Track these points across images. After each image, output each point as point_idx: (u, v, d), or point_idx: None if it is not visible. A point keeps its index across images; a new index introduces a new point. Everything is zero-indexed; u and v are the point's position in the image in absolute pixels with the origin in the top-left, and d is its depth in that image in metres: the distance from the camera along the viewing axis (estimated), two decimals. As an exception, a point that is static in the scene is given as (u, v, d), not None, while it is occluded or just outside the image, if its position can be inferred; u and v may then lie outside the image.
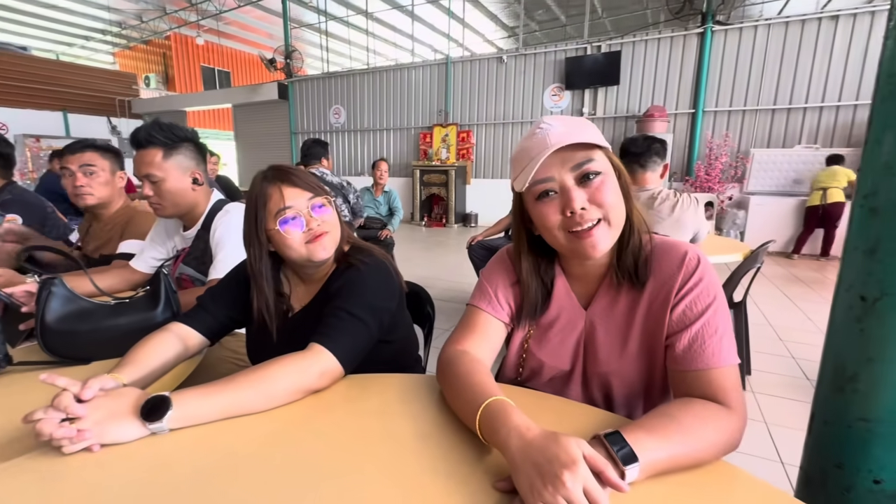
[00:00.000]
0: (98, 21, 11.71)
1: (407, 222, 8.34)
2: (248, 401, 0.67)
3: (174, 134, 1.29)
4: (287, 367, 0.71)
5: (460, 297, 3.57)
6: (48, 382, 0.62)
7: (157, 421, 0.60)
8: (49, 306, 0.83)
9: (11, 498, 0.51)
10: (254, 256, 0.87)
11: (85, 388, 0.62)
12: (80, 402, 0.60)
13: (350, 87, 9.21)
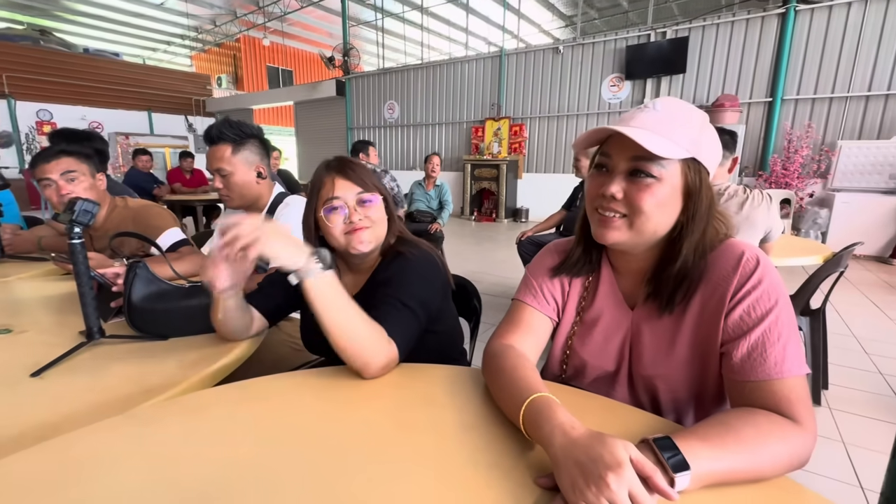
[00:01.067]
0: (178, 27, 12.71)
1: (456, 217, 8.37)
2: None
3: (242, 131, 1.38)
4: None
5: (508, 293, 3.55)
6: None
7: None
8: (134, 287, 0.92)
9: (107, 452, 0.58)
10: (307, 238, 0.93)
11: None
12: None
13: (404, 83, 9.36)
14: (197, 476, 0.54)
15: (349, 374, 0.78)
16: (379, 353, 0.75)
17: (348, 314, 0.75)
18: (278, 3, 10.59)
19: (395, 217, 0.97)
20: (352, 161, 0.93)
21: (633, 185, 0.64)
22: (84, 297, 0.87)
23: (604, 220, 0.67)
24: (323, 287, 0.74)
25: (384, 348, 0.76)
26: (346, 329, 0.74)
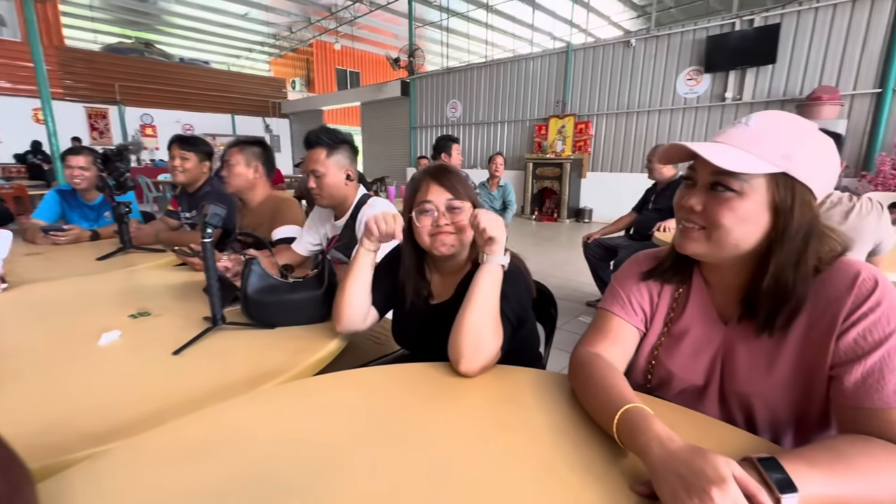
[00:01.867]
0: (259, 35, 13.69)
1: (517, 216, 8.30)
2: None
3: (335, 137, 1.50)
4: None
5: (572, 295, 3.49)
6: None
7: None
8: (249, 280, 1.05)
9: (240, 426, 0.68)
10: (405, 237, 1.00)
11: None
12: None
13: (467, 82, 9.41)
14: (308, 455, 0.62)
15: (441, 369, 0.84)
16: (494, 349, 0.83)
17: (493, 304, 0.85)
18: (349, 8, 11.06)
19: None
20: (449, 169, 0.99)
21: (712, 199, 0.65)
22: (211, 288, 1.01)
23: (684, 230, 0.69)
24: (499, 271, 0.88)
25: (497, 348, 0.83)
26: (489, 314, 0.84)
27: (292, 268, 1.36)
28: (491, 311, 0.85)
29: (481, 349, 0.82)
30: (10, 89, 9.22)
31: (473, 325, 0.82)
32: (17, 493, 0.41)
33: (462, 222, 0.97)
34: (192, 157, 2.11)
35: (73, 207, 2.39)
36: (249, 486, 0.55)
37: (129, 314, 1.15)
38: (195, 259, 1.50)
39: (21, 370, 0.87)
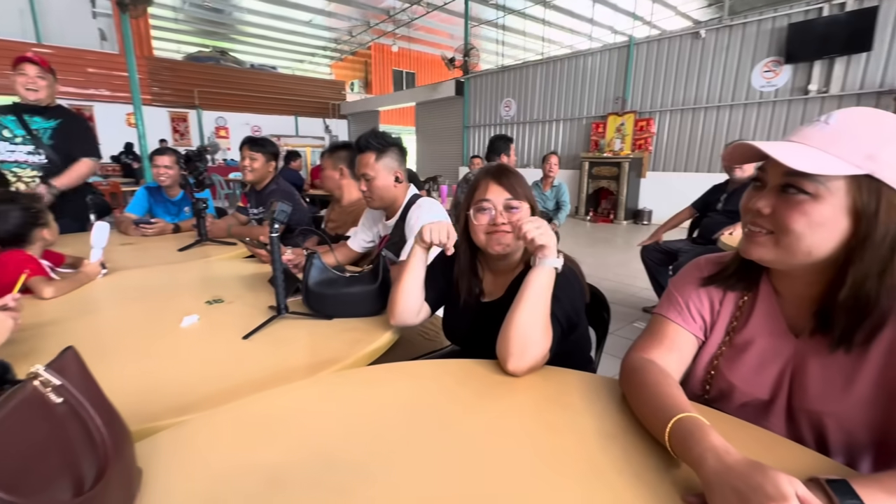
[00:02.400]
0: (321, 40, 14.34)
1: (570, 216, 8.08)
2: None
3: (385, 140, 1.56)
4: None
5: (627, 300, 3.35)
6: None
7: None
8: (311, 273, 1.12)
9: (301, 407, 0.74)
10: (459, 234, 1.01)
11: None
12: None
13: (522, 80, 9.29)
14: (361, 439, 0.65)
15: (489, 367, 0.85)
16: (543, 350, 0.83)
17: (547, 304, 0.85)
18: (406, 10, 11.29)
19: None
20: (508, 169, 1.00)
21: (782, 202, 0.61)
22: (277, 279, 1.09)
23: (750, 234, 0.65)
24: (550, 274, 0.87)
25: (546, 349, 0.83)
26: (539, 315, 0.84)
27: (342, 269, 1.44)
28: (541, 312, 0.85)
29: (529, 349, 0.82)
30: (108, 97, 10.34)
31: (522, 326, 0.83)
32: (121, 446, 0.48)
33: (519, 222, 0.97)
34: (260, 157, 2.27)
35: (159, 202, 2.65)
36: (307, 463, 0.59)
37: (205, 300, 1.27)
38: (262, 252, 1.61)
39: (118, 345, 0.99)
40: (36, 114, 2.21)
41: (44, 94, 2.19)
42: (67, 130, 2.27)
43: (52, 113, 2.26)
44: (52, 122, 2.24)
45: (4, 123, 2.16)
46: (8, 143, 2.15)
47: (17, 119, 2.17)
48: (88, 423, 0.45)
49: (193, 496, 0.53)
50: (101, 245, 1.51)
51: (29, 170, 2.19)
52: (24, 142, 2.17)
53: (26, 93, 2.16)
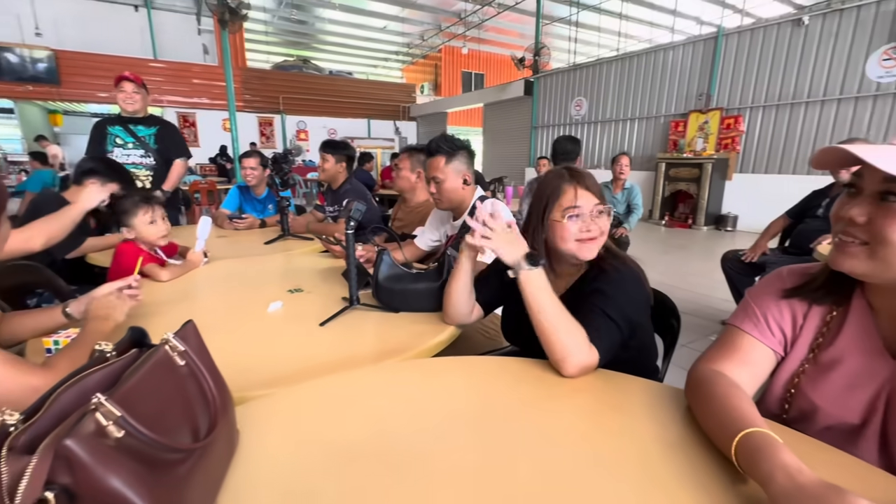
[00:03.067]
0: (394, 45, 14.87)
1: (644, 220, 7.64)
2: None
3: (454, 144, 1.60)
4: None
5: (703, 311, 3.12)
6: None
7: None
8: (380, 269, 1.20)
9: (369, 390, 0.80)
10: (530, 238, 1.01)
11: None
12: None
13: (595, 78, 8.96)
14: (423, 426, 0.70)
15: (547, 367, 0.87)
16: (579, 351, 0.82)
17: (554, 308, 0.85)
18: (477, 12, 11.35)
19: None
20: (586, 173, 1.00)
21: (880, 210, 0.56)
22: (350, 273, 1.18)
23: (840, 244, 0.62)
24: (534, 280, 0.87)
25: (585, 350, 0.82)
26: (551, 321, 0.84)
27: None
28: (553, 313, 0.85)
29: (567, 347, 0.82)
30: (208, 104, 11.53)
31: (548, 331, 0.84)
32: (227, 407, 0.57)
33: (606, 227, 0.97)
34: (331, 158, 2.43)
35: (247, 200, 2.94)
36: (373, 441, 0.65)
37: (287, 289, 1.40)
38: (337, 247, 1.74)
39: (216, 324, 1.14)
40: (137, 123, 2.64)
41: (139, 105, 2.61)
42: (164, 135, 2.71)
43: (149, 121, 2.69)
44: (153, 129, 2.68)
45: (115, 133, 2.60)
46: (121, 149, 2.59)
47: (123, 128, 2.61)
48: (203, 384, 0.54)
49: (279, 459, 0.61)
50: (205, 237, 1.72)
51: (144, 170, 2.64)
52: (135, 147, 2.61)
53: (126, 105, 2.58)
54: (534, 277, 0.88)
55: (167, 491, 0.42)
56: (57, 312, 1.03)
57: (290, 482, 0.56)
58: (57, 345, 0.93)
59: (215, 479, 0.53)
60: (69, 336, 0.95)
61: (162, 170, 2.68)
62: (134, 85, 2.58)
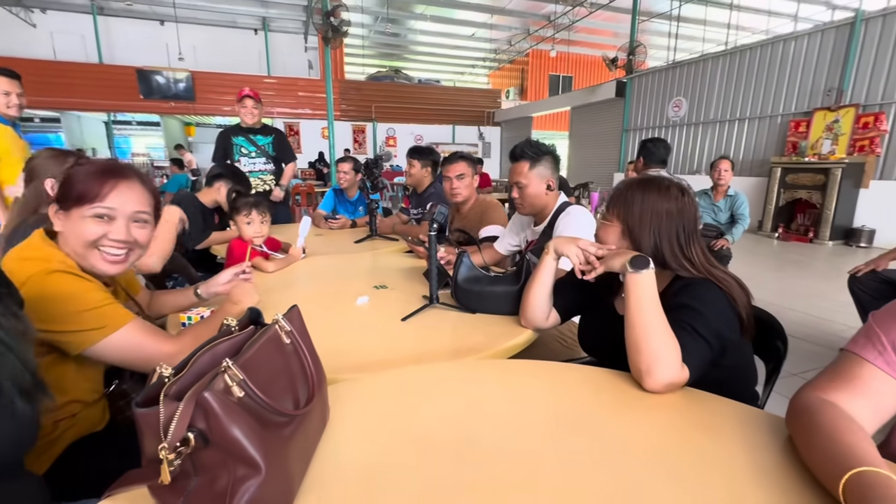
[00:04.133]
0: (481, 51, 15.06)
1: (751, 232, 6.85)
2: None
3: (539, 149, 1.60)
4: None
5: (821, 337, 2.72)
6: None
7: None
8: (460, 270, 1.24)
9: (447, 383, 0.84)
10: (642, 242, 0.98)
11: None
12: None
13: (697, 75, 8.25)
14: (497, 425, 0.71)
15: (628, 379, 0.84)
16: (669, 366, 0.78)
17: (654, 316, 0.82)
18: (568, 13, 11.07)
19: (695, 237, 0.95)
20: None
21: None
22: (431, 272, 1.24)
23: None
24: (643, 283, 0.84)
25: (675, 365, 0.78)
26: (648, 328, 0.81)
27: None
28: (653, 320, 0.81)
29: (657, 358, 0.78)
30: (309, 114, 12.66)
31: (642, 338, 0.81)
32: (322, 384, 0.64)
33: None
34: (417, 164, 2.55)
35: (341, 202, 3.19)
36: (448, 431, 0.68)
37: (373, 285, 1.51)
38: (420, 249, 1.82)
39: (312, 311, 1.24)
40: (256, 133, 3.07)
41: (257, 118, 3.04)
42: (278, 143, 3.14)
43: (266, 131, 3.12)
44: (270, 138, 3.11)
45: (239, 143, 3.05)
46: (247, 157, 3.01)
47: (245, 138, 3.04)
48: (304, 361, 0.62)
49: (361, 437, 0.67)
50: (304, 234, 1.91)
51: (268, 175, 3.09)
52: (258, 155, 3.01)
53: (246, 118, 3.01)
54: (642, 280, 0.85)
55: (273, 448, 0.49)
56: (189, 293, 1.22)
57: (371, 460, 0.62)
58: (189, 320, 1.11)
59: (310, 447, 0.60)
60: (199, 314, 1.13)
61: (280, 173, 3.16)
62: (253, 101, 3.00)
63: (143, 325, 0.87)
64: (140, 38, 11.81)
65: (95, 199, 0.84)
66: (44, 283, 0.78)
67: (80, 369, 0.86)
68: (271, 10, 11.77)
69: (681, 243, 0.93)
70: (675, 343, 0.80)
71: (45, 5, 11.14)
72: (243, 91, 3.01)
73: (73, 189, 0.84)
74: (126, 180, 0.87)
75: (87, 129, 11.95)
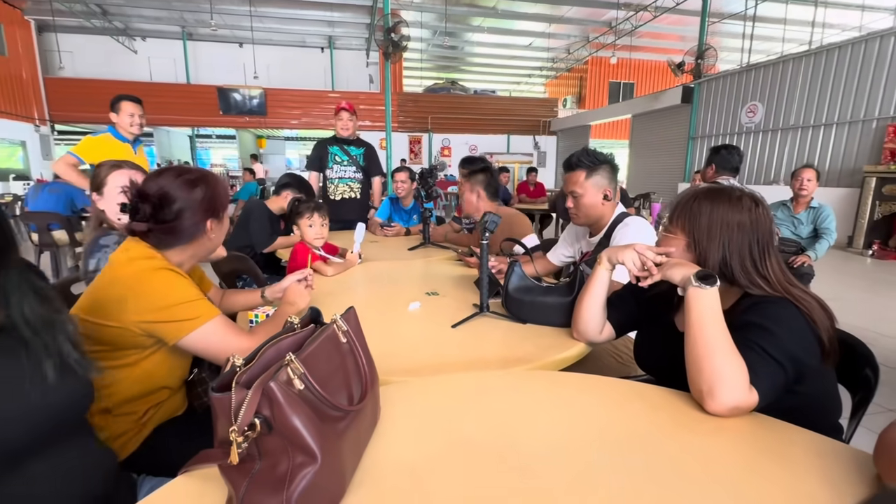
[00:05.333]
0: (539, 61, 14.96)
1: (839, 248, 6.17)
2: None
3: (596, 158, 1.56)
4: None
5: (927, 371, 2.39)
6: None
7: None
8: (511, 280, 1.24)
9: (496, 392, 0.84)
10: (708, 257, 0.93)
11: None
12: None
13: (775, 78, 7.65)
14: (544, 434, 0.70)
15: (688, 400, 0.79)
16: (734, 388, 0.72)
17: (717, 333, 0.77)
18: (630, 18, 10.72)
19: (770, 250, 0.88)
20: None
21: None
22: (482, 281, 1.25)
23: None
24: (705, 299, 0.80)
25: (742, 386, 0.73)
26: (711, 346, 0.76)
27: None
28: (716, 338, 0.76)
29: (720, 379, 0.73)
30: (369, 126, 13.20)
31: (704, 357, 0.76)
32: (374, 383, 0.67)
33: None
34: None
35: (396, 210, 3.28)
36: (496, 440, 0.68)
37: (425, 292, 1.54)
38: (471, 259, 1.83)
39: (368, 315, 1.29)
40: (350, 144, 3.28)
41: (352, 130, 3.25)
42: (368, 155, 3.34)
43: (358, 143, 3.33)
44: (361, 150, 3.33)
45: (333, 152, 3.27)
46: (339, 165, 3.28)
47: (340, 148, 3.26)
48: (358, 360, 0.65)
49: (410, 438, 0.69)
50: (360, 240, 1.99)
51: (355, 183, 3.30)
52: (349, 164, 3.27)
53: (342, 131, 3.22)
54: (705, 296, 0.80)
55: (329, 440, 0.52)
56: (257, 294, 1.32)
57: (419, 460, 0.63)
58: (256, 318, 1.20)
59: (362, 442, 0.63)
60: (265, 312, 1.21)
61: (366, 183, 3.34)
62: (349, 113, 3.22)
63: (225, 320, 0.95)
64: (221, 60, 12.99)
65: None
66: (151, 277, 0.88)
67: (172, 359, 0.96)
68: (337, 30, 12.48)
69: (753, 258, 0.87)
70: (740, 363, 0.74)
71: (145, 34, 12.61)
72: (340, 104, 3.23)
73: (223, 201, 1.02)
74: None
75: (174, 143, 13.32)
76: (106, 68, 12.06)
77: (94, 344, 0.88)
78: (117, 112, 2.67)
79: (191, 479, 0.58)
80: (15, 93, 10.70)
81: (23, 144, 10.88)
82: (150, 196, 0.93)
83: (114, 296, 0.86)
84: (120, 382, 0.89)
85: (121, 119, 2.67)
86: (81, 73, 11.93)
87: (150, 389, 0.94)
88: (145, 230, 0.93)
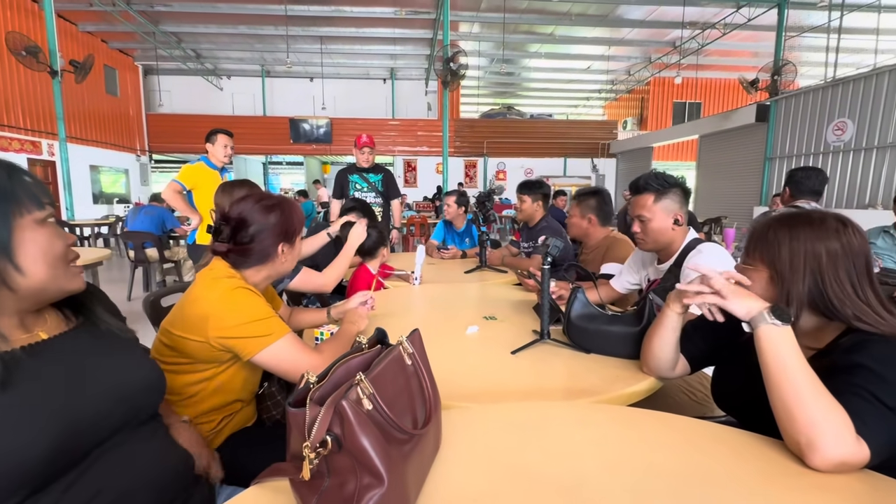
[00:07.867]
0: (597, 83, 14.75)
1: (955, 281, 5.34)
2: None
3: (665, 182, 1.49)
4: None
5: None
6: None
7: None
8: (574, 306, 1.19)
9: (558, 424, 0.80)
10: (789, 291, 0.84)
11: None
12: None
13: (867, 93, 6.95)
14: (614, 473, 0.65)
15: (781, 449, 0.71)
16: (839, 439, 0.64)
17: (802, 374, 0.69)
18: (696, 37, 10.33)
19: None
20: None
21: None
22: (543, 307, 1.21)
23: None
24: (778, 338, 0.72)
25: (847, 438, 0.64)
26: (798, 389, 0.68)
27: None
28: (799, 383, 0.68)
29: (815, 430, 0.64)
30: (426, 151, 13.62)
31: (789, 405, 0.69)
32: (438, 406, 0.67)
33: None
34: (528, 199, 2.56)
35: (449, 233, 3.32)
36: (560, 477, 0.65)
37: (483, 315, 1.52)
38: (530, 282, 1.80)
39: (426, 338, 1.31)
40: (369, 171, 3.52)
41: (371, 161, 3.49)
42: (386, 180, 3.56)
43: (376, 170, 3.57)
44: (380, 176, 3.55)
45: (353, 180, 3.51)
46: (360, 192, 3.51)
47: (359, 176, 3.50)
48: (423, 383, 0.65)
49: (471, 468, 0.67)
50: (420, 263, 2.03)
51: (377, 208, 3.48)
52: (368, 190, 3.48)
53: (362, 162, 3.47)
54: (777, 334, 0.72)
55: (394, 462, 0.52)
56: (322, 313, 1.38)
57: (480, 489, 0.61)
58: (322, 336, 1.25)
59: (425, 467, 0.62)
60: (330, 330, 1.26)
61: (386, 206, 3.56)
62: (370, 148, 3.48)
63: (295, 338, 1.00)
64: (294, 94, 14.13)
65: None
66: (230, 296, 0.95)
67: (246, 373, 1.02)
68: (399, 62, 13.15)
69: (854, 287, 0.77)
70: (840, 411, 0.65)
71: (230, 73, 14.07)
72: (361, 139, 3.47)
73: (296, 227, 1.09)
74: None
75: (250, 169, 14.57)
76: (196, 104, 13.55)
77: (178, 356, 0.95)
78: (213, 143, 2.97)
79: (263, 490, 0.61)
80: (123, 128, 12.29)
81: (126, 172, 12.37)
82: (230, 219, 1.01)
83: (198, 312, 0.94)
84: (200, 393, 0.96)
85: (215, 149, 2.97)
86: (177, 109, 13.49)
87: (225, 401, 1.00)
88: (225, 251, 1.01)
